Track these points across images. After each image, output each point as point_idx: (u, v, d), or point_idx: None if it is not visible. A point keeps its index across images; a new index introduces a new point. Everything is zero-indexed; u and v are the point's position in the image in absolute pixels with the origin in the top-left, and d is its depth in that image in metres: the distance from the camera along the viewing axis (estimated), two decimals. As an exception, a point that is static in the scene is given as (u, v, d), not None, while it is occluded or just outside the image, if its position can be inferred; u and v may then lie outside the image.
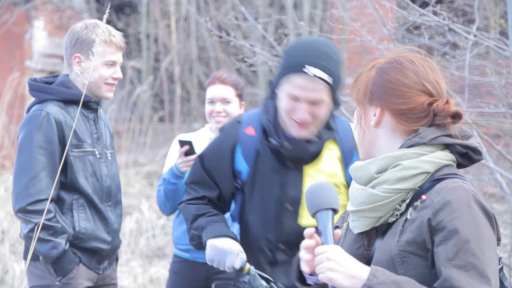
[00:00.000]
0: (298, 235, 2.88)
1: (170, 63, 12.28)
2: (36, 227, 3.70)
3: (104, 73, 3.92)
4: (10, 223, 7.52)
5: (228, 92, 4.40)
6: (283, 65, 3.12)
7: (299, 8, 10.40)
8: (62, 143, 3.84)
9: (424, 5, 5.30)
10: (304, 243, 2.30)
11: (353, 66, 8.56)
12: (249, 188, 3.26)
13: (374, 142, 2.40)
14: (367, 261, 2.34)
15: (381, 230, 2.35)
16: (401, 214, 2.31)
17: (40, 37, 12.58)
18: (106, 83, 3.94)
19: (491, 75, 5.12)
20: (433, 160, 2.32)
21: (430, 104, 2.39)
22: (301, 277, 2.41)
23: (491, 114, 5.53)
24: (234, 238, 3.17)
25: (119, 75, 3.97)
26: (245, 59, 5.86)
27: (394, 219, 2.32)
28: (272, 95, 3.23)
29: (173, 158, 4.40)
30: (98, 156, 3.98)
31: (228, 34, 6.27)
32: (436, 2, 5.15)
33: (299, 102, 3.07)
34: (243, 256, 3.10)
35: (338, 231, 2.29)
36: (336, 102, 3.16)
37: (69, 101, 3.91)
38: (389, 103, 2.36)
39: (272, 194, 3.23)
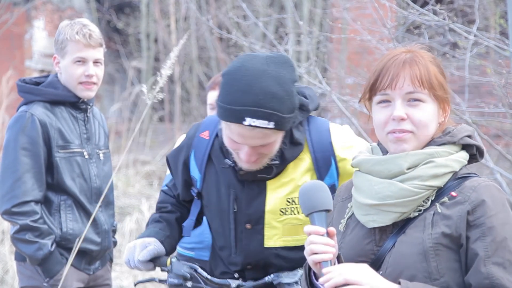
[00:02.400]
0: (266, 257, 2.90)
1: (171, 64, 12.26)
2: (21, 229, 3.72)
3: (73, 72, 3.85)
4: (10, 223, 7.53)
5: None
6: (220, 110, 2.74)
7: (299, 8, 10.40)
8: (48, 144, 3.81)
9: (424, 5, 5.29)
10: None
11: (353, 66, 8.56)
12: (205, 200, 3.01)
13: (430, 137, 2.41)
14: (376, 257, 2.35)
15: (397, 226, 2.36)
16: (424, 210, 2.33)
17: (40, 37, 12.57)
18: (81, 83, 3.87)
19: (491, 75, 5.12)
20: (459, 159, 2.36)
21: None
22: (310, 283, 2.40)
23: (491, 114, 5.53)
24: (154, 237, 3.00)
25: (91, 72, 3.86)
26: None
27: (416, 214, 2.33)
28: None
29: None
30: (86, 156, 3.93)
31: (229, 33, 6.26)
32: (436, 2, 5.14)
33: (241, 145, 2.75)
34: (150, 248, 2.95)
35: (332, 228, 2.29)
36: (299, 105, 2.81)
37: (56, 102, 3.88)
38: (448, 98, 2.41)
39: (229, 212, 2.93)
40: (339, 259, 2.34)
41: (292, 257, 2.92)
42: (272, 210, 2.88)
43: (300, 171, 2.88)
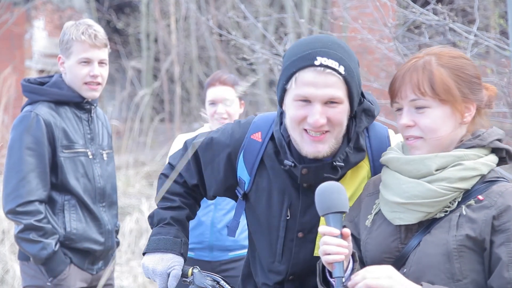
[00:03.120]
0: (312, 266, 2.67)
1: (171, 64, 12.28)
2: (25, 228, 3.73)
3: (78, 72, 3.87)
4: (11, 223, 7.52)
5: (228, 92, 4.41)
6: (287, 65, 2.61)
7: (299, 8, 10.40)
8: (52, 144, 3.82)
9: (425, 5, 5.30)
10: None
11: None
12: (252, 203, 2.85)
13: (454, 140, 2.43)
14: (401, 255, 2.37)
15: (423, 225, 2.38)
16: (450, 211, 2.35)
17: (40, 37, 12.58)
18: (86, 83, 3.88)
19: (491, 75, 5.12)
20: (488, 163, 2.39)
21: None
22: (325, 280, 2.42)
23: (491, 113, 5.52)
24: (172, 250, 2.87)
25: (96, 72, 3.88)
26: (245, 57, 5.84)
27: (442, 215, 2.35)
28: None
29: None
30: (90, 157, 3.95)
31: (229, 33, 6.25)
32: (436, 2, 5.15)
33: (310, 105, 2.56)
34: (175, 272, 2.84)
35: (346, 230, 2.31)
36: (359, 109, 2.67)
37: (60, 102, 3.90)
38: (477, 98, 2.41)
39: (280, 220, 2.77)
40: (353, 257, 2.37)
41: None
42: None
43: (358, 179, 2.72)
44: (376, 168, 2.72)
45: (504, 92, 4.77)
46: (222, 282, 2.85)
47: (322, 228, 2.32)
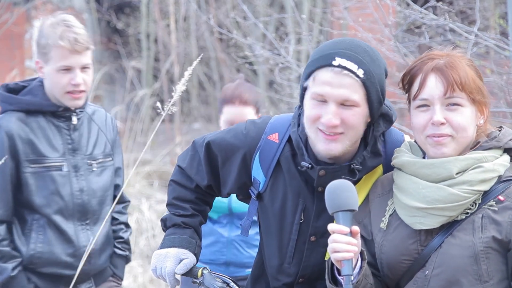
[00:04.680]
0: (322, 269, 2.67)
1: (171, 64, 12.28)
2: None
3: (58, 81, 3.51)
4: None
5: (249, 114, 4.03)
6: (309, 64, 2.64)
7: (299, 8, 10.40)
8: (16, 158, 3.49)
9: (424, 5, 5.30)
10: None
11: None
12: (265, 204, 2.83)
13: (471, 141, 2.44)
14: (421, 256, 2.38)
15: (443, 227, 2.39)
16: (471, 213, 2.36)
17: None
18: (68, 92, 3.52)
19: (491, 75, 5.12)
20: (504, 163, 2.42)
21: None
22: (333, 278, 2.43)
23: (491, 113, 5.53)
24: (187, 248, 2.87)
25: (78, 80, 3.50)
26: (245, 57, 5.84)
27: (463, 217, 2.36)
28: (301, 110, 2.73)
29: None
30: (66, 170, 3.58)
31: (229, 33, 6.26)
32: (436, 1, 5.15)
33: (326, 104, 2.57)
34: (187, 261, 2.84)
35: (355, 227, 2.32)
36: (378, 112, 2.63)
37: (33, 111, 3.55)
38: (486, 101, 2.43)
39: (293, 222, 2.77)
40: (362, 256, 2.38)
41: None
42: None
43: (372, 183, 2.70)
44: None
45: (504, 92, 4.78)
46: (232, 284, 2.85)
47: (331, 225, 2.33)
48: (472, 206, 2.38)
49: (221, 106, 4.13)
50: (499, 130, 2.49)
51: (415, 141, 2.57)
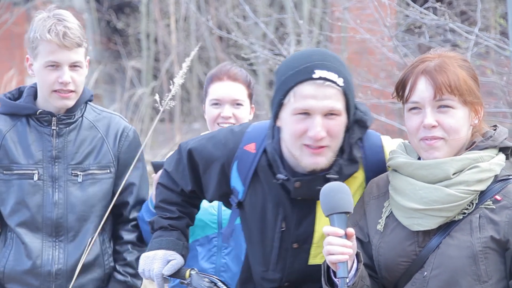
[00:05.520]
0: (307, 273, 2.76)
1: (171, 64, 12.27)
2: None
3: (45, 78, 3.20)
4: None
5: (239, 91, 3.55)
6: (284, 78, 2.61)
7: (298, 8, 10.40)
8: None
9: (425, 5, 5.30)
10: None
11: (353, 66, 8.55)
12: (246, 212, 2.85)
13: (466, 142, 2.44)
14: (418, 258, 2.38)
15: (440, 227, 2.39)
16: (468, 213, 2.36)
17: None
18: (54, 91, 3.20)
19: (491, 75, 5.12)
20: (500, 162, 2.41)
21: None
22: (329, 281, 2.43)
23: (492, 113, 5.53)
24: (175, 250, 2.88)
25: (66, 78, 3.18)
26: (245, 56, 5.83)
27: (461, 217, 2.36)
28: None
29: None
30: (36, 179, 3.25)
31: (229, 33, 6.26)
32: (436, 1, 5.15)
33: (311, 117, 2.57)
34: (174, 262, 2.85)
35: (350, 230, 2.32)
36: (356, 120, 2.67)
37: (15, 114, 3.29)
38: (479, 101, 2.43)
39: (275, 231, 2.77)
40: (358, 258, 2.38)
41: None
42: (322, 229, 2.67)
43: (352, 190, 2.64)
44: (369, 179, 2.71)
45: (504, 92, 4.78)
46: (219, 284, 2.85)
47: (326, 228, 2.33)
48: (469, 206, 2.38)
49: (206, 87, 3.60)
50: (494, 129, 2.49)
51: (409, 142, 2.56)
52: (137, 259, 3.11)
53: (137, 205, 3.40)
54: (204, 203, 3.19)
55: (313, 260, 2.75)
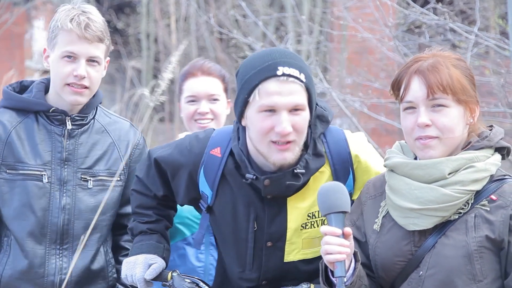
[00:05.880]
0: (283, 271, 2.83)
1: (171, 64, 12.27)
2: None
3: (60, 70, 3.03)
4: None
5: (215, 86, 3.50)
6: (247, 77, 2.65)
7: (298, 8, 10.41)
8: None
9: (425, 5, 5.30)
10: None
11: (353, 66, 8.55)
12: (217, 216, 2.88)
13: (461, 141, 2.45)
14: (414, 257, 2.39)
15: (436, 227, 2.40)
16: (464, 213, 2.37)
17: (40, 37, 12.57)
18: (68, 84, 3.04)
19: (490, 75, 5.13)
20: (496, 162, 2.42)
21: None
22: (328, 280, 2.43)
23: (491, 113, 5.53)
24: (155, 253, 2.89)
25: (81, 72, 3.00)
26: (245, 57, 5.83)
27: (456, 217, 2.37)
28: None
29: None
30: (46, 181, 3.05)
31: (230, 32, 6.25)
32: (436, 2, 5.16)
33: (277, 113, 2.62)
34: (156, 266, 2.85)
35: (348, 229, 2.33)
36: (313, 116, 2.72)
37: (24, 110, 3.09)
38: (474, 100, 2.43)
39: (248, 231, 2.80)
40: (355, 257, 2.39)
41: (307, 269, 2.86)
42: (294, 226, 2.80)
43: (321, 184, 2.68)
44: (338, 172, 2.78)
45: (503, 92, 4.78)
46: (201, 284, 2.88)
47: (324, 228, 2.35)
48: (465, 206, 2.39)
49: (181, 85, 3.53)
50: (490, 129, 2.49)
51: (405, 142, 2.57)
52: None
53: None
54: None
55: (288, 257, 2.81)
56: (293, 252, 2.81)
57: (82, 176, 3.10)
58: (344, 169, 2.78)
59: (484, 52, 6.17)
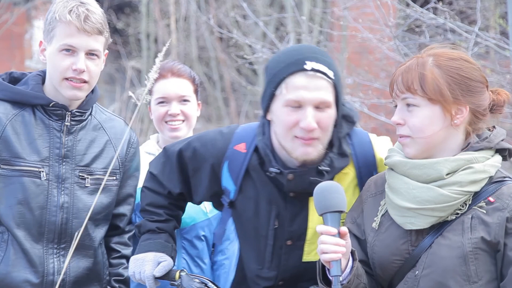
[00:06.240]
0: (301, 270, 2.80)
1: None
2: None
3: (58, 64, 2.91)
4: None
5: (185, 87, 3.44)
6: (276, 71, 2.65)
7: (299, 8, 10.41)
8: None
9: (425, 5, 5.30)
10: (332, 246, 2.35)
11: (353, 66, 8.55)
12: (239, 212, 2.86)
13: (444, 142, 2.44)
14: (411, 257, 2.39)
15: (433, 227, 2.39)
16: (461, 214, 2.37)
17: (40, 37, 12.59)
18: (66, 78, 2.91)
19: (491, 75, 5.12)
20: (495, 164, 2.41)
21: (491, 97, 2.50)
22: (324, 278, 2.43)
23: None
24: (164, 252, 2.87)
25: (80, 65, 2.88)
26: (245, 56, 5.83)
27: (453, 217, 2.36)
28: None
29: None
30: (44, 178, 2.92)
31: (229, 32, 6.25)
32: (437, 1, 5.16)
33: (302, 108, 2.60)
34: (165, 264, 2.84)
35: (344, 228, 2.33)
36: (344, 115, 2.71)
37: (21, 103, 2.95)
38: (472, 100, 2.41)
39: (268, 229, 2.80)
40: (353, 256, 2.39)
41: None
42: (315, 226, 2.72)
43: (344, 186, 2.66)
44: (362, 174, 2.75)
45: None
46: (209, 284, 2.86)
47: (319, 227, 2.35)
48: (462, 207, 2.39)
49: (151, 88, 3.44)
50: (491, 130, 2.48)
51: None
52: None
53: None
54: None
55: (307, 256, 2.78)
56: (313, 252, 2.78)
57: (80, 174, 2.99)
58: (368, 172, 2.75)
59: (484, 52, 6.16)
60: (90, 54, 2.94)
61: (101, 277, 3.09)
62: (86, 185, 2.99)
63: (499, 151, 2.47)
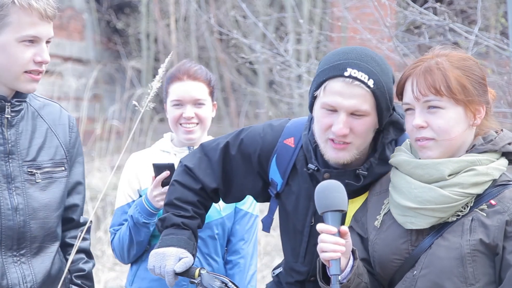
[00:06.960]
0: None
1: (171, 64, 12.29)
2: None
3: (18, 56, 2.56)
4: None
5: (200, 90, 3.44)
6: (320, 72, 2.66)
7: (299, 8, 10.41)
8: None
9: (424, 5, 5.30)
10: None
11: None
12: (282, 204, 2.89)
13: (463, 143, 2.44)
14: (411, 256, 2.39)
15: (434, 228, 2.39)
16: (462, 215, 2.37)
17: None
18: (27, 71, 2.58)
19: (491, 75, 5.12)
20: (500, 167, 2.40)
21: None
22: (324, 277, 2.44)
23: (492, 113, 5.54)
24: (186, 248, 2.85)
25: (46, 56, 2.59)
26: (243, 56, 5.82)
27: (454, 219, 2.36)
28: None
29: (132, 185, 3.46)
30: None
31: (229, 32, 6.25)
32: (436, 1, 5.16)
33: (336, 114, 2.60)
34: (187, 260, 2.81)
35: (344, 228, 2.33)
36: (388, 122, 2.67)
37: None
38: (486, 99, 2.42)
39: (305, 225, 2.82)
40: (354, 255, 2.39)
41: None
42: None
43: None
44: None
45: (504, 92, 4.78)
46: (229, 284, 2.82)
47: (319, 226, 2.36)
48: (464, 208, 2.39)
49: (167, 87, 3.47)
50: (498, 133, 2.47)
51: None
52: (93, 268, 2.83)
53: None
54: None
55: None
56: None
57: (29, 170, 2.67)
58: None
59: (484, 52, 6.16)
60: (48, 42, 2.63)
61: (64, 278, 2.78)
62: (37, 180, 2.68)
63: (506, 154, 2.46)
